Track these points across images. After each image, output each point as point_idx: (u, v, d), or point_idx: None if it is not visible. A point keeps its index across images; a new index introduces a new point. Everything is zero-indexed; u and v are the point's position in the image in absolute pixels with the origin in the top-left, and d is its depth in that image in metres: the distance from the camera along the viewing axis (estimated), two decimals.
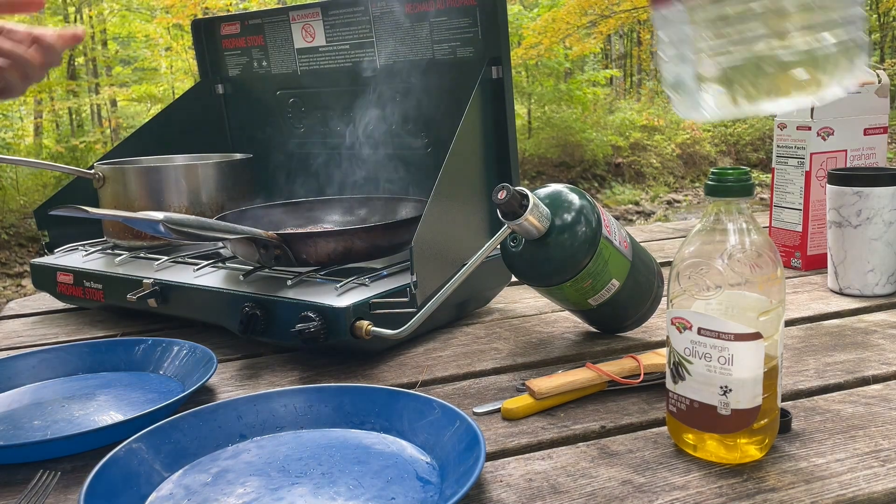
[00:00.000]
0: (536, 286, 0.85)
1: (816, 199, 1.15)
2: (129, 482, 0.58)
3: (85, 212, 0.78)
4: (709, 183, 0.59)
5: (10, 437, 0.71)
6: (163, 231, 0.80)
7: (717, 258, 0.58)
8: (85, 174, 1.15)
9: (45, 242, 1.19)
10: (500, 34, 0.98)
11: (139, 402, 0.77)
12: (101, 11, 10.61)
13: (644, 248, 0.90)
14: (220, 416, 0.68)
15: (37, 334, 1.05)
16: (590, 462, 0.62)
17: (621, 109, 12.00)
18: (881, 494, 0.55)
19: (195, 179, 1.14)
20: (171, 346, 0.87)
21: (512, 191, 0.77)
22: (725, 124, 12.10)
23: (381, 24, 1.11)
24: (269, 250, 0.91)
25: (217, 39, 1.32)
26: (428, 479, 0.59)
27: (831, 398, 0.72)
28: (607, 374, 0.73)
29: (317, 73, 1.21)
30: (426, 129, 1.13)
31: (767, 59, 0.47)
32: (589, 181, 10.08)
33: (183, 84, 9.87)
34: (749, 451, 0.60)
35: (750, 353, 0.57)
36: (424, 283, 0.82)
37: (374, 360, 0.88)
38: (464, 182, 0.94)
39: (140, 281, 0.98)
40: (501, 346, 0.91)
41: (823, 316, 0.96)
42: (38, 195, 7.39)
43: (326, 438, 0.67)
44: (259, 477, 0.60)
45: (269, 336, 0.87)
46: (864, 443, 0.63)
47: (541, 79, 11.39)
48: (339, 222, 1.16)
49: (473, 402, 0.74)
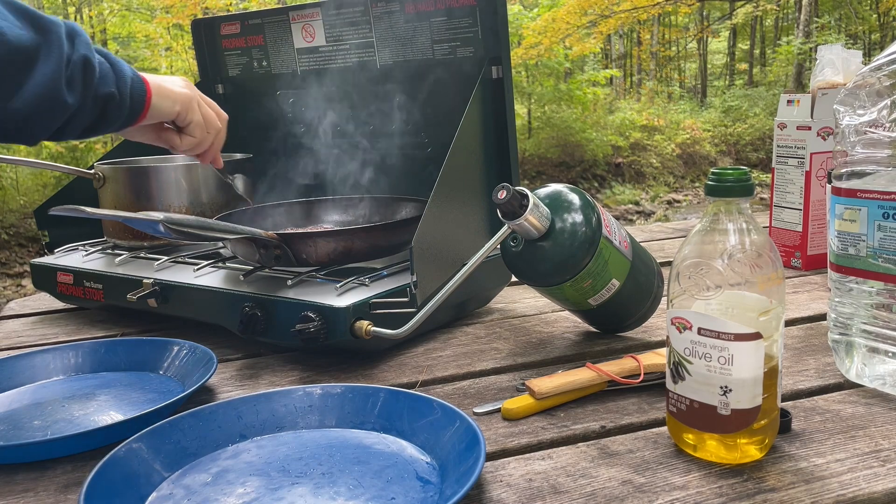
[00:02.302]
0: (536, 286, 0.85)
1: (816, 199, 1.15)
2: (129, 482, 0.58)
3: (84, 212, 0.78)
4: (709, 183, 0.59)
5: (10, 437, 0.71)
6: (163, 231, 0.80)
7: (717, 258, 0.58)
8: (85, 174, 1.15)
9: (45, 242, 1.19)
10: (500, 34, 0.98)
11: (139, 402, 0.77)
12: (101, 11, 10.62)
13: (644, 248, 0.90)
14: (220, 416, 0.68)
15: (37, 334, 1.05)
16: (590, 462, 0.62)
17: (621, 109, 12.01)
18: (881, 494, 0.55)
19: (195, 179, 1.13)
20: (171, 346, 0.87)
21: (512, 191, 0.77)
22: (725, 124, 12.10)
23: (381, 24, 1.11)
24: (268, 250, 0.91)
25: (217, 39, 1.32)
26: (428, 479, 0.59)
27: (831, 398, 0.72)
28: (607, 374, 0.73)
29: (317, 73, 1.21)
30: (426, 129, 1.13)
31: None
32: (589, 181, 10.08)
33: None
34: (749, 451, 0.60)
35: (750, 353, 0.57)
36: (424, 283, 0.82)
37: (374, 360, 0.88)
38: (464, 182, 0.94)
39: (140, 281, 0.99)
40: (501, 346, 0.91)
41: (823, 316, 0.96)
42: (38, 195, 7.39)
43: (326, 438, 0.67)
44: (259, 477, 0.60)
45: (269, 336, 0.87)
46: (864, 443, 0.63)
47: (541, 79, 11.40)
48: (339, 222, 1.16)
49: (473, 402, 0.74)
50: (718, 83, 16.63)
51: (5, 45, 0.66)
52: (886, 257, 0.69)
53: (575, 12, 10.71)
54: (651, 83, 15.43)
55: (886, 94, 0.68)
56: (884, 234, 0.69)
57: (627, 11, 11.45)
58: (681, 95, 15.22)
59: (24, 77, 0.68)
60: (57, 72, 0.70)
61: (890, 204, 0.68)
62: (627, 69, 16.43)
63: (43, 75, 0.69)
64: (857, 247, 0.71)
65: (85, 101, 0.74)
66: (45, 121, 0.72)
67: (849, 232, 0.71)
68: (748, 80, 15.61)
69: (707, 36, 16.50)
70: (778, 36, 15.70)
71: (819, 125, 1.13)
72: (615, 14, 11.27)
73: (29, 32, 0.69)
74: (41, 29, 0.70)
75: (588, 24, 11.18)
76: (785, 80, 13.38)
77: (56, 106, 0.71)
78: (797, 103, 1.16)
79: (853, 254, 0.72)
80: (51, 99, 0.70)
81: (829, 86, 1.13)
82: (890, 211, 0.68)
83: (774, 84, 13.66)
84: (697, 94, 15.77)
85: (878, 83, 0.69)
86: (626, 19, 11.88)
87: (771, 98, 12.11)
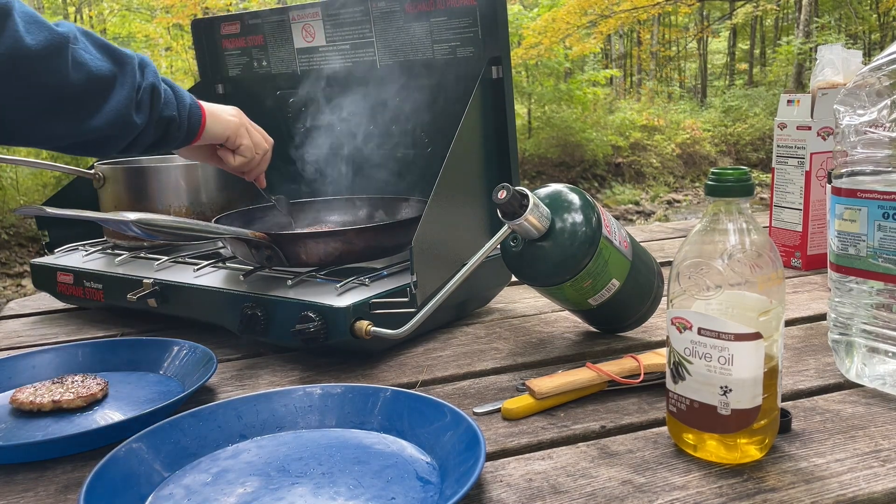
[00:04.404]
0: (536, 286, 0.85)
1: (816, 199, 1.15)
2: (129, 482, 0.58)
3: (46, 212, 0.77)
4: (709, 183, 0.59)
5: (10, 437, 0.71)
6: (139, 232, 0.80)
7: (717, 258, 0.58)
8: (85, 174, 1.15)
9: (45, 242, 1.19)
10: (500, 34, 0.98)
11: (139, 402, 0.77)
12: (102, 11, 10.62)
13: (644, 248, 0.90)
14: (220, 416, 0.68)
15: (37, 334, 1.05)
16: (590, 462, 0.62)
17: (621, 109, 12.01)
18: (881, 494, 0.55)
19: (195, 180, 1.14)
20: (171, 346, 0.87)
21: (512, 191, 0.77)
22: (725, 124, 12.11)
23: (381, 24, 1.10)
24: (260, 251, 0.91)
25: (217, 39, 1.32)
26: (428, 479, 0.59)
27: (831, 398, 0.72)
28: (607, 374, 0.73)
29: (317, 73, 1.21)
30: (426, 129, 1.13)
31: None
32: (589, 181, 10.08)
33: (183, 84, 9.83)
34: (749, 451, 0.60)
35: (750, 353, 0.57)
36: (424, 283, 0.82)
37: (374, 360, 0.88)
38: (464, 182, 0.94)
39: (140, 281, 0.98)
40: (501, 346, 0.91)
41: (823, 316, 0.96)
42: (38, 195, 7.39)
43: (326, 438, 0.67)
44: (259, 477, 0.60)
45: (269, 336, 0.87)
46: (864, 443, 0.63)
47: (541, 79, 11.40)
48: (339, 222, 1.16)
49: (473, 402, 0.74)
50: (718, 83, 16.63)
51: (88, 74, 0.78)
52: (886, 257, 0.69)
53: (575, 12, 10.71)
54: (651, 83, 15.43)
55: (886, 94, 0.68)
56: (884, 234, 0.69)
57: (627, 11, 11.45)
58: (681, 95, 15.23)
59: (103, 101, 0.80)
60: (129, 97, 0.82)
61: (890, 204, 0.68)
62: (627, 69, 16.43)
63: (118, 101, 0.81)
64: (857, 247, 0.71)
65: (150, 121, 0.85)
66: (117, 137, 0.83)
67: (849, 232, 0.71)
68: (748, 80, 15.61)
69: (707, 36, 16.51)
70: (778, 36, 15.71)
71: (819, 125, 1.13)
72: (615, 14, 11.28)
73: (108, 63, 0.81)
74: (118, 61, 0.82)
75: (588, 24, 11.19)
76: (785, 80, 13.39)
77: (127, 124, 0.83)
78: (797, 103, 1.16)
79: (853, 254, 0.72)
80: (123, 118, 0.82)
81: (829, 86, 1.13)
82: (890, 211, 0.68)
83: (774, 84, 13.66)
84: (697, 94, 15.77)
85: (878, 83, 0.69)
86: (626, 19, 11.88)
87: (771, 98, 12.12)
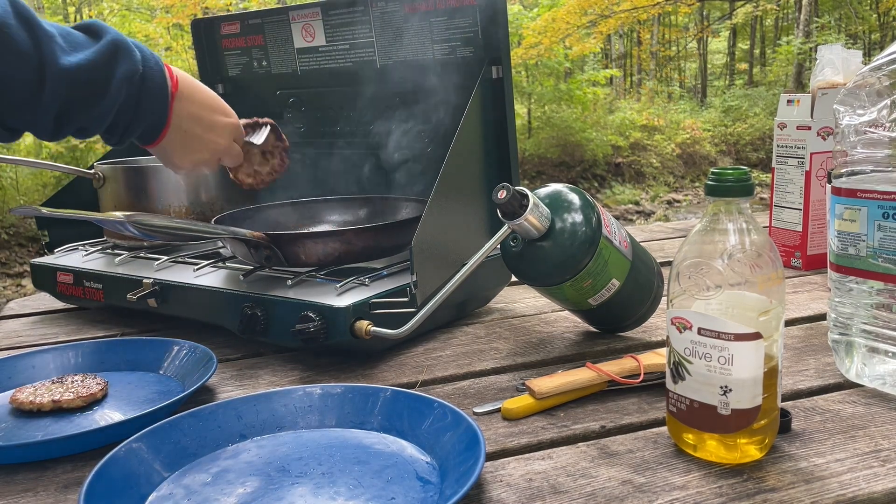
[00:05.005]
0: (536, 286, 0.85)
1: (816, 199, 1.15)
2: (129, 482, 0.58)
3: (41, 212, 0.77)
4: (709, 183, 0.59)
5: (10, 437, 0.71)
6: (135, 232, 0.80)
7: (717, 258, 0.58)
8: (85, 174, 1.15)
9: (45, 242, 1.19)
10: (500, 34, 0.98)
11: (139, 402, 0.77)
12: (101, 11, 10.62)
13: (644, 248, 0.90)
14: (220, 416, 0.68)
15: (37, 334, 1.05)
16: (590, 462, 0.62)
17: (621, 109, 12.01)
18: (881, 494, 0.55)
19: (195, 179, 1.13)
20: (171, 346, 0.87)
21: (512, 191, 0.77)
22: (725, 124, 12.10)
23: (381, 24, 1.10)
24: (259, 251, 0.91)
25: (217, 39, 1.32)
26: (428, 479, 0.59)
27: (831, 398, 0.72)
28: (607, 374, 0.73)
29: (317, 73, 1.21)
30: (426, 129, 1.13)
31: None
32: (589, 181, 10.08)
33: None
34: (749, 451, 0.60)
35: (750, 353, 0.57)
36: (424, 283, 0.82)
37: (374, 360, 0.88)
38: (464, 182, 0.94)
39: (140, 281, 0.98)
40: (501, 345, 0.91)
41: (823, 316, 0.96)
42: (38, 195, 7.39)
43: (326, 438, 0.67)
44: (259, 477, 0.60)
45: (269, 336, 0.87)
46: (864, 443, 0.63)
47: (541, 79, 11.40)
48: (339, 222, 1.15)
49: (473, 402, 0.74)
50: (718, 83, 16.63)
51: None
52: (886, 257, 0.69)
53: (575, 12, 10.71)
54: (651, 83, 15.43)
55: (886, 94, 0.68)
56: (884, 234, 0.69)
57: (627, 11, 11.45)
58: (681, 95, 15.22)
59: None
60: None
61: (890, 204, 0.68)
62: (627, 69, 16.43)
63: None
64: (857, 247, 0.71)
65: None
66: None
67: (849, 232, 0.71)
68: (748, 80, 15.61)
69: (707, 36, 16.51)
70: (778, 36, 15.71)
71: (819, 125, 1.13)
72: (615, 14, 11.28)
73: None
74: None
75: (588, 23, 11.19)
76: (785, 80, 13.39)
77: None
78: (797, 103, 1.16)
79: (853, 254, 0.72)
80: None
81: (829, 86, 1.13)
82: (890, 211, 0.68)
83: (774, 84, 13.66)
84: (697, 93, 15.77)
85: (878, 83, 0.69)
86: (626, 19, 11.88)
87: (771, 98, 12.11)
